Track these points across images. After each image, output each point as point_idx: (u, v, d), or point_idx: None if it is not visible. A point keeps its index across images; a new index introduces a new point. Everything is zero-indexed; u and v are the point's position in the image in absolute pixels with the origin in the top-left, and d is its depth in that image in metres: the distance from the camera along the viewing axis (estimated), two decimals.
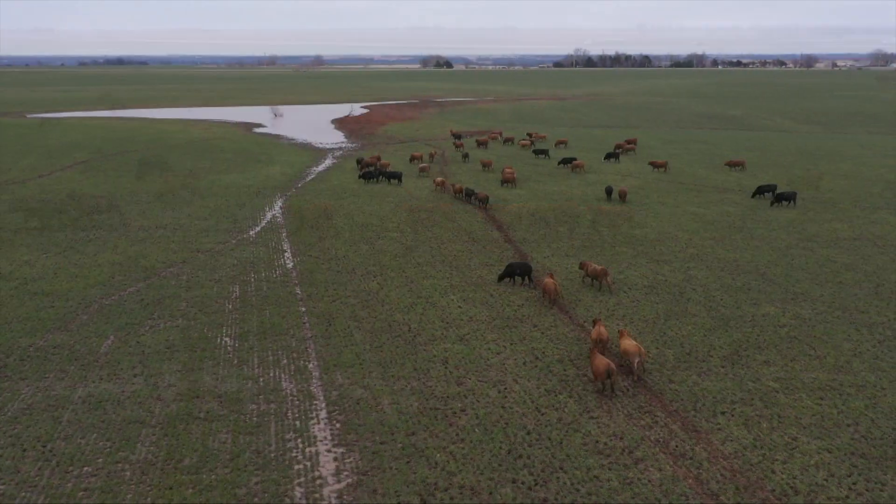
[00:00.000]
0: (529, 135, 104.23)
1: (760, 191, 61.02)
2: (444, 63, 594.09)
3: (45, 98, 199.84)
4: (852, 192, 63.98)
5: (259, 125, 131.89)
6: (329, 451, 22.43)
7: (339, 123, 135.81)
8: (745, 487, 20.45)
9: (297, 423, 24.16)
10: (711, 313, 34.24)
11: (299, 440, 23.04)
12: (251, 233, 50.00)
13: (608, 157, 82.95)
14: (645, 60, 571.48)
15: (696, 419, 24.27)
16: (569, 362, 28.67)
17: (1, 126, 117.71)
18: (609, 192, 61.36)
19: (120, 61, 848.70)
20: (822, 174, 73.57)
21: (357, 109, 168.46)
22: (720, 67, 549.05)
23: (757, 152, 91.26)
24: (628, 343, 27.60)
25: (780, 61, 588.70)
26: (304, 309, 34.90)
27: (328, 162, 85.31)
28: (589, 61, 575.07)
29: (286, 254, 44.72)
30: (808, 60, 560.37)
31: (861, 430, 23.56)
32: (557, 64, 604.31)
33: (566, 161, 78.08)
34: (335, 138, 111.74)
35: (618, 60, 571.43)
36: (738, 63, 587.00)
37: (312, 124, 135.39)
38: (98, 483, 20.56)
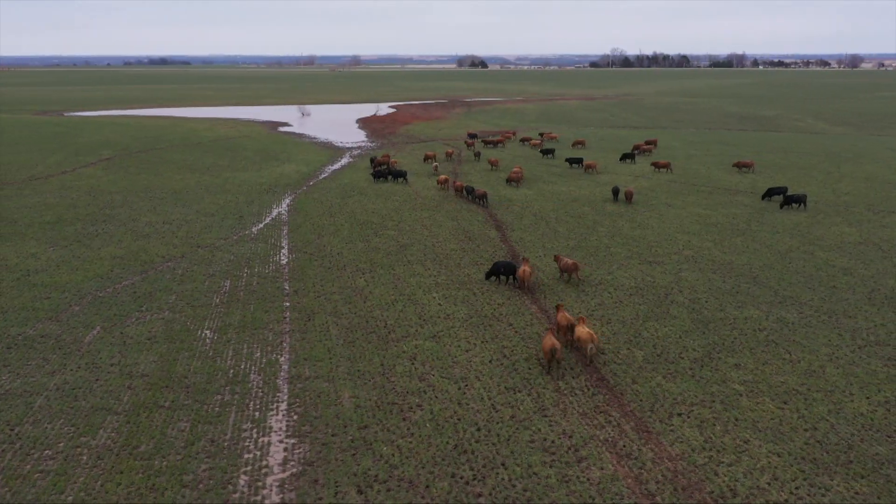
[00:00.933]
0: (541, 134, 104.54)
1: (770, 193, 60.02)
2: (479, 63, 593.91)
3: (85, 97, 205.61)
4: (869, 196, 62.51)
5: (285, 124, 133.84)
6: (281, 441, 23.00)
7: (364, 123, 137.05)
8: (683, 488, 20.41)
9: (257, 413, 24.78)
10: (693, 315, 33.98)
11: (255, 430, 23.65)
12: (254, 229, 51.01)
13: (624, 157, 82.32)
14: (683, 60, 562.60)
15: (650, 420, 24.22)
16: (535, 361, 28.79)
17: (36, 124, 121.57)
18: (616, 192, 60.96)
19: (163, 61, 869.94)
20: (842, 176, 72.01)
21: (384, 109, 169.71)
22: (761, 67, 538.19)
23: (780, 154, 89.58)
24: (581, 330, 28.64)
25: (823, 61, 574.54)
26: (287, 304, 35.61)
27: (344, 161, 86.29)
28: (626, 61, 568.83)
29: (283, 250, 45.56)
30: (853, 60, 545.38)
31: (817, 436, 23.27)
32: (594, 64, 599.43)
33: (573, 161, 78.11)
34: (356, 137, 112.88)
35: (655, 60, 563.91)
36: (780, 63, 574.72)
37: (337, 123, 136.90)
38: (55, 466, 21.43)
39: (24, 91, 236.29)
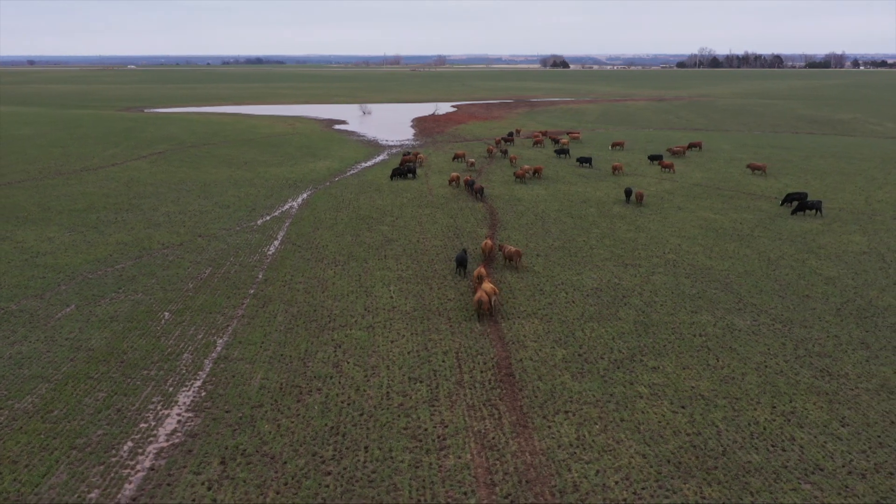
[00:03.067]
0: (568, 133, 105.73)
1: (790, 198, 57.82)
2: (561, 63, 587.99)
3: (170, 94, 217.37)
4: None
5: (342, 122, 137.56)
6: (179, 414, 24.74)
7: (417, 121, 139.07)
8: (528, 481, 20.79)
9: (171, 388, 26.64)
10: (640, 318, 33.71)
11: (161, 403, 25.49)
12: (259, 221, 53.50)
13: (652, 158, 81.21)
14: (776, 61, 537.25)
15: (533, 416, 24.57)
16: (453, 354, 29.49)
17: (112, 119, 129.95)
18: (628, 194, 60.26)
19: (259, 60, 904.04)
20: (885, 184, 68.27)
21: (444, 108, 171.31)
22: (861, 68, 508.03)
23: (832, 159, 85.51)
24: (486, 285, 34.05)
25: None
26: (252, 291, 37.54)
27: (380, 158, 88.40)
28: (714, 61, 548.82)
29: (276, 241, 47.70)
30: None
31: (697, 441, 23.04)
32: (681, 64, 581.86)
33: (583, 160, 79.06)
34: (403, 136, 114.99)
35: (746, 60, 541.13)
36: (883, 63, 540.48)
37: (392, 122, 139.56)
38: None
39: (120, 89, 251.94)
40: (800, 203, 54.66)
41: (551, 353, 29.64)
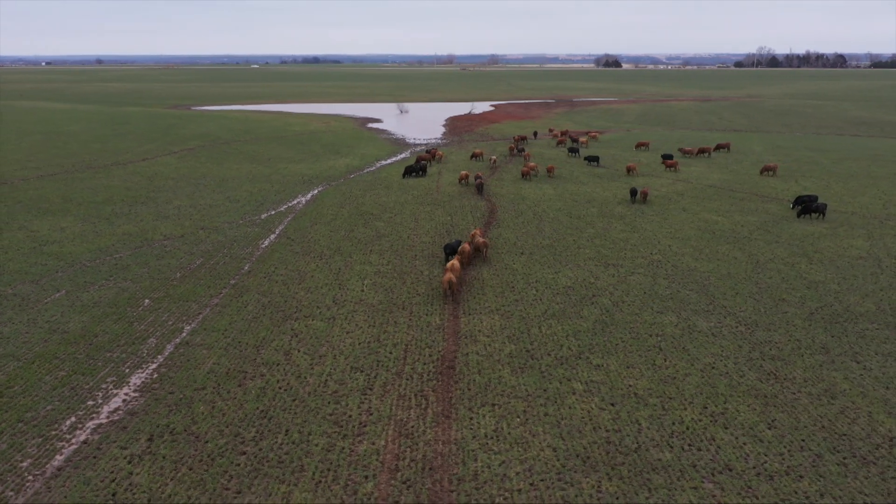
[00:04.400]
0: (587, 133, 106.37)
1: (800, 201, 56.53)
2: (613, 63, 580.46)
3: (220, 93, 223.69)
4: None
5: (377, 120, 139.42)
6: (127, 394, 26.16)
7: (451, 120, 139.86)
8: (431, 468, 21.40)
9: (127, 370, 28.14)
10: (602, 317, 33.80)
11: (114, 384, 26.98)
12: (263, 216, 55.17)
13: (665, 158, 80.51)
14: (838, 60, 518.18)
15: (459, 407, 25.11)
16: (402, 346, 30.22)
17: (158, 116, 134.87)
18: (633, 193, 59.93)
19: (316, 60, 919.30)
20: None
21: (482, 107, 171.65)
22: None
23: (864, 161, 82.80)
24: (452, 263, 37.34)
25: None
26: (233, 282, 38.98)
27: (401, 156, 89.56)
28: (772, 61, 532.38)
29: (272, 235, 49.19)
30: None
31: (614, 437, 23.22)
32: (738, 64, 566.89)
33: (591, 159, 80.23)
34: (432, 134, 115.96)
35: (806, 60, 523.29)
36: None
37: (426, 120, 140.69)
38: None
39: (175, 87, 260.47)
40: (804, 206, 53.40)
41: (499, 349, 30.07)
